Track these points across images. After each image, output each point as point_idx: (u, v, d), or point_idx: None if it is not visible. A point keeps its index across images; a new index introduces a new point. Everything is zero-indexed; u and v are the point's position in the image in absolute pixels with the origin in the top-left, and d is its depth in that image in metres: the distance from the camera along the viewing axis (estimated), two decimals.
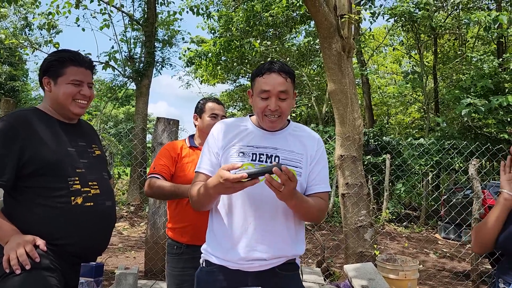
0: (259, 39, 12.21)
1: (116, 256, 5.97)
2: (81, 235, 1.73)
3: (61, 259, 1.69)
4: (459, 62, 12.76)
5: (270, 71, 1.68)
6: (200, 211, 1.92)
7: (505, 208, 1.72)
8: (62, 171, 1.72)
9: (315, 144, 1.78)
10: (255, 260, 1.64)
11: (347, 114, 4.46)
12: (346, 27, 4.41)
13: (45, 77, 1.81)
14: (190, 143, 2.53)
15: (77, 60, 1.82)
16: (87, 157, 1.84)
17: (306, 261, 5.96)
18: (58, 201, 1.70)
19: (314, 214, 1.71)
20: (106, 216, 1.84)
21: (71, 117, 1.86)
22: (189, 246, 2.35)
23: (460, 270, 6.01)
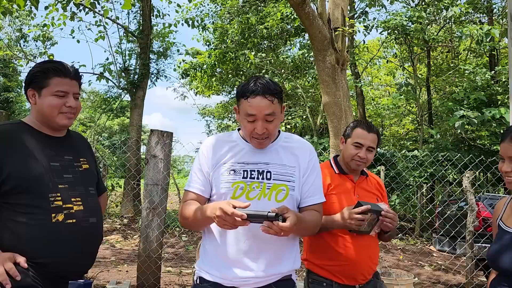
0: (254, 51, 12.28)
1: (108, 270, 5.89)
2: (63, 254, 1.67)
3: (44, 277, 1.64)
4: (452, 75, 12.89)
5: (255, 94, 1.62)
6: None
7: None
8: (43, 187, 1.66)
9: (307, 155, 1.77)
10: (251, 278, 1.63)
11: (341, 126, 4.46)
12: (340, 40, 4.44)
13: (29, 89, 1.76)
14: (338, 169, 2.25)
15: (61, 71, 1.75)
16: (72, 172, 1.78)
17: (301, 274, 5.91)
18: (38, 218, 1.64)
19: (310, 230, 1.74)
20: (90, 234, 1.77)
21: (57, 129, 1.81)
22: (341, 285, 2.12)
23: (455, 283, 5.98)
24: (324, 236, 2.09)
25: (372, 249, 2.16)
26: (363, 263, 2.10)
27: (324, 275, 2.11)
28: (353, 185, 2.20)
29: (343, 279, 2.08)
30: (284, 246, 1.69)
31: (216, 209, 1.48)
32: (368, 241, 2.11)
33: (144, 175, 4.71)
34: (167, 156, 4.66)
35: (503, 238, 1.71)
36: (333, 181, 2.20)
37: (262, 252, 1.64)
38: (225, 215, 1.44)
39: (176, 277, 5.59)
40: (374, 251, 2.18)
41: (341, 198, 2.13)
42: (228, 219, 1.44)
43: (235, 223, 1.45)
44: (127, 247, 7.92)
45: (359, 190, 2.20)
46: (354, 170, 2.21)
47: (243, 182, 1.66)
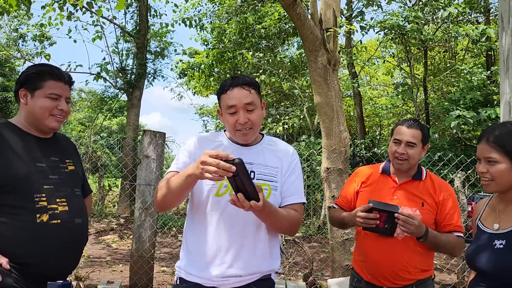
0: (251, 51, 12.29)
1: (100, 270, 5.90)
2: (47, 254, 1.68)
3: (27, 278, 1.65)
4: (449, 74, 12.90)
5: (233, 86, 1.69)
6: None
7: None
8: (29, 188, 1.68)
9: (289, 157, 1.79)
10: (230, 277, 1.65)
11: (333, 126, 4.48)
12: (332, 40, 4.45)
13: (22, 89, 1.78)
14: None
15: (56, 75, 1.79)
16: (58, 173, 1.80)
17: (295, 273, 5.92)
18: (23, 219, 1.66)
19: (285, 225, 1.70)
20: (75, 234, 1.78)
21: (46, 131, 1.83)
22: (368, 283, 2.16)
23: (449, 282, 5.99)
24: (360, 233, 2.18)
25: (399, 253, 2.06)
26: (384, 266, 2.07)
27: (357, 270, 2.22)
28: (394, 186, 2.17)
29: (368, 276, 2.14)
30: (264, 246, 1.71)
31: (198, 161, 1.46)
32: (394, 244, 2.03)
33: (137, 175, 4.73)
34: (159, 156, 4.68)
35: (480, 238, 1.72)
36: (369, 180, 2.23)
37: (242, 251, 1.66)
38: (208, 157, 1.42)
39: (170, 277, 5.60)
40: (402, 256, 2.06)
41: (374, 197, 2.11)
42: (212, 161, 1.41)
43: (218, 166, 1.40)
44: (123, 247, 7.93)
45: (401, 191, 2.15)
46: (399, 170, 2.17)
47: (227, 180, 1.68)
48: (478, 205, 1.90)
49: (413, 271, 2.09)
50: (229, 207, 1.65)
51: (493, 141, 1.64)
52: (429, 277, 2.16)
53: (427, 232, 1.99)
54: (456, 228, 2.11)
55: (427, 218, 2.07)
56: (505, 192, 1.68)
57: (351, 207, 2.25)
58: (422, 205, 2.10)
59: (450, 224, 2.11)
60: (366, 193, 2.20)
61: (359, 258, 2.22)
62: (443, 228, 2.11)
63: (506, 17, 3.14)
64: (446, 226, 2.11)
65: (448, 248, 2.12)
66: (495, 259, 1.60)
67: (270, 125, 12.26)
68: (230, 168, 1.39)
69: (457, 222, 2.12)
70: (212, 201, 1.68)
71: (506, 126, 1.68)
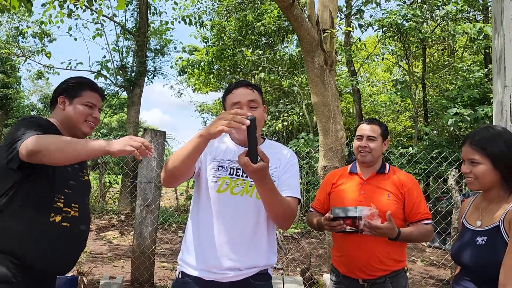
0: (251, 48, 12.35)
1: (102, 266, 6.01)
2: (49, 252, 1.76)
3: (24, 272, 1.72)
4: (447, 72, 12.97)
5: (238, 87, 1.82)
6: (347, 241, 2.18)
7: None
8: (53, 185, 1.79)
9: (287, 157, 1.88)
10: (229, 270, 1.72)
11: (329, 125, 4.57)
12: (328, 41, 4.53)
13: (61, 96, 1.96)
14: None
15: (94, 87, 2.01)
16: (77, 180, 1.92)
17: (293, 269, 6.03)
18: (38, 215, 1.75)
19: (282, 211, 1.73)
20: (78, 240, 1.89)
21: (78, 136, 1.95)
22: (345, 277, 2.31)
23: (443, 277, 6.10)
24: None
25: (372, 245, 2.19)
26: (359, 259, 2.22)
27: (335, 265, 2.38)
28: (361, 182, 2.35)
29: (345, 270, 2.29)
30: (262, 241, 1.79)
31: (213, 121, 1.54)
32: (366, 238, 2.14)
33: (138, 172, 4.83)
34: (160, 154, 4.78)
35: (464, 235, 1.82)
36: (338, 180, 2.42)
37: (241, 246, 1.74)
38: (226, 114, 1.49)
39: (170, 272, 5.71)
40: (375, 248, 2.20)
41: (344, 195, 2.33)
42: (228, 116, 1.48)
43: (235, 117, 1.47)
44: (124, 243, 8.04)
45: (367, 186, 2.33)
46: (363, 166, 2.37)
47: (229, 178, 1.77)
48: (464, 204, 2.00)
49: (387, 261, 2.24)
50: (230, 203, 1.75)
51: (475, 144, 1.75)
52: (402, 269, 2.30)
53: (399, 235, 2.13)
54: (424, 216, 2.28)
55: (394, 208, 2.24)
56: (487, 190, 1.79)
57: (325, 209, 2.44)
58: (388, 196, 2.28)
59: (418, 213, 2.28)
60: (337, 192, 2.40)
61: (336, 254, 2.38)
62: (413, 217, 2.29)
63: (499, 19, 3.23)
64: (415, 215, 2.28)
65: (419, 239, 2.30)
66: (477, 255, 1.70)
67: (269, 122, 12.35)
68: (244, 121, 1.46)
69: (424, 210, 2.29)
70: (214, 197, 1.77)
71: (488, 130, 1.78)
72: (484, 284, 1.67)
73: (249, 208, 1.75)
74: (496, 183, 1.74)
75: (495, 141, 1.73)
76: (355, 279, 2.26)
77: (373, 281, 2.23)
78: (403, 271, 2.31)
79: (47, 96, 28.35)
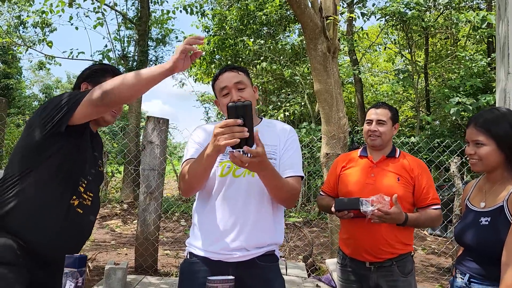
0: (252, 38, 12.30)
1: (107, 252, 6.07)
2: (60, 237, 1.74)
3: (28, 255, 1.70)
4: (450, 61, 12.91)
5: (222, 72, 1.85)
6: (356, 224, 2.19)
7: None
8: (80, 169, 1.78)
9: (287, 134, 1.88)
10: (236, 251, 1.74)
11: (332, 113, 4.58)
12: (331, 28, 4.52)
13: (84, 82, 1.92)
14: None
15: (117, 74, 1.95)
16: (95, 169, 1.91)
17: (295, 256, 6.08)
18: (60, 192, 1.73)
19: (286, 191, 1.74)
20: (86, 229, 1.87)
21: (100, 124, 1.95)
22: (352, 260, 2.34)
23: (444, 265, 6.15)
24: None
25: (380, 228, 2.21)
26: (367, 241, 2.24)
27: (342, 248, 2.40)
28: (371, 165, 2.36)
29: (352, 253, 2.31)
30: (267, 220, 1.80)
31: (211, 139, 1.53)
32: (377, 224, 2.16)
33: (141, 161, 4.86)
34: (163, 142, 4.79)
35: (467, 216, 1.84)
36: (348, 163, 2.44)
37: (246, 226, 1.75)
38: (220, 129, 1.47)
39: (173, 259, 5.76)
40: (383, 231, 2.22)
41: (354, 178, 2.36)
42: (225, 130, 1.46)
43: (233, 130, 1.45)
44: (126, 231, 8.10)
45: (377, 169, 2.34)
46: (373, 149, 2.39)
47: (229, 161, 1.77)
48: (467, 186, 2.02)
49: (395, 244, 2.25)
50: (233, 186, 1.77)
51: (480, 125, 1.76)
52: (409, 253, 2.31)
53: (406, 220, 2.16)
54: (433, 201, 2.30)
55: (403, 191, 2.26)
56: (491, 172, 1.80)
57: (335, 192, 2.46)
58: (398, 179, 2.29)
59: (427, 198, 2.29)
60: (347, 174, 2.42)
61: (343, 236, 2.40)
62: (422, 202, 2.30)
63: (503, 6, 3.22)
64: (424, 200, 2.30)
65: (427, 224, 2.31)
66: (480, 235, 1.72)
67: (271, 112, 12.34)
68: (236, 122, 1.44)
69: (433, 195, 2.31)
70: (217, 181, 1.78)
71: (493, 112, 1.79)
72: (487, 264, 1.69)
73: (253, 189, 1.77)
74: (500, 164, 1.75)
75: (499, 122, 1.73)
76: (361, 261, 2.28)
77: (380, 264, 2.25)
78: (410, 255, 2.32)
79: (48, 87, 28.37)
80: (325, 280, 3.82)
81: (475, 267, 1.73)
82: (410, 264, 2.30)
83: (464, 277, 1.77)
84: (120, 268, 3.74)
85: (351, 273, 2.34)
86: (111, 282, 3.69)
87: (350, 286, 2.34)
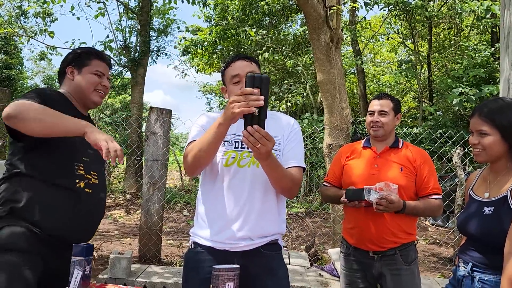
0: (255, 28, 12.23)
1: (111, 242, 6.12)
2: (75, 219, 1.80)
3: (42, 241, 1.74)
4: (453, 51, 12.83)
5: (235, 60, 1.84)
6: (359, 213, 2.22)
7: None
8: (71, 155, 1.83)
9: (290, 125, 1.90)
10: (241, 240, 1.76)
11: (335, 104, 4.57)
12: (335, 18, 4.50)
13: (69, 66, 1.96)
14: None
15: (101, 56, 2.02)
16: (93, 149, 1.90)
17: (297, 246, 6.12)
18: (65, 181, 1.79)
19: (288, 181, 1.76)
20: (99, 207, 1.93)
21: (89, 106, 1.99)
22: (356, 249, 2.36)
23: (445, 255, 6.18)
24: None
25: (384, 218, 2.24)
26: (370, 231, 2.27)
27: (346, 237, 2.43)
28: (374, 156, 2.39)
29: (356, 242, 2.34)
30: (271, 210, 1.82)
31: (227, 107, 1.53)
32: (380, 213, 2.19)
33: (144, 151, 4.87)
34: (166, 132, 4.80)
35: (471, 206, 1.85)
36: (352, 154, 2.46)
37: (251, 216, 1.77)
38: (236, 97, 1.47)
39: (177, 249, 5.81)
40: (387, 220, 2.24)
41: (358, 169, 2.38)
42: (241, 97, 1.46)
43: (249, 99, 1.45)
44: (130, 221, 8.15)
45: (380, 160, 2.36)
46: (376, 140, 2.41)
47: (234, 151, 1.79)
48: (471, 176, 2.02)
49: (398, 234, 2.28)
50: (238, 176, 1.78)
51: (484, 115, 1.76)
52: (412, 242, 2.34)
53: (404, 207, 2.18)
54: (434, 191, 2.32)
55: (405, 181, 2.29)
56: (494, 162, 1.80)
57: (339, 182, 2.49)
58: (401, 169, 2.32)
59: (428, 187, 2.31)
60: (351, 165, 2.44)
61: (347, 226, 2.43)
62: (423, 191, 2.32)
63: None
64: (425, 189, 2.32)
65: (427, 213, 2.34)
66: (483, 224, 1.73)
67: (273, 103, 12.32)
68: (253, 91, 1.45)
69: (434, 185, 2.32)
70: (222, 171, 1.79)
71: (497, 101, 1.79)
72: (490, 253, 1.70)
73: (258, 179, 1.78)
74: (504, 154, 1.75)
75: (504, 112, 1.73)
76: (365, 250, 2.31)
77: (383, 253, 2.27)
78: (413, 244, 2.35)
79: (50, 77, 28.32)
80: (328, 269, 3.85)
81: (478, 256, 1.75)
82: (413, 253, 2.32)
83: (467, 266, 1.79)
84: (125, 257, 3.77)
85: (354, 262, 2.36)
86: (115, 271, 3.73)
87: (354, 275, 2.37)
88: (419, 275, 2.34)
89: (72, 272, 1.61)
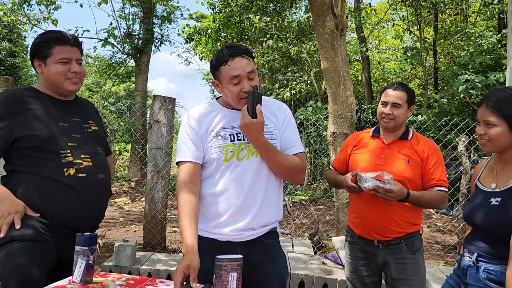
0: (258, 15, 12.11)
1: (116, 229, 6.17)
2: (74, 207, 1.81)
3: (52, 230, 1.78)
4: (459, 38, 12.67)
5: (233, 56, 1.73)
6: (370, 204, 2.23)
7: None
8: (54, 146, 1.80)
9: (283, 112, 1.90)
10: (244, 231, 1.78)
11: (339, 92, 4.54)
12: (339, 5, 4.43)
13: (35, 59, 1.88)
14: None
15: (62, 39, 1.86)
16: (81, 132, 1.90)
17: (301, 234, 6.14)
18: (52, 172, 1.78)
19: (287, 169, 1.80)
20: (99, 188, 1.89)
21: (66, 95, 1.93)
22: (361, 238, 2.35)
23: (449, 242, 6.19)
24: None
25: (388, 208, 2.21)
26: (375, 220, 2.25)
27: (350, 226, 2.42)
28: (382, 146, 2.35)
29: (361, 231, 2.33)
30: (272, 199, 1.84)
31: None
32: (383, 200, 2.16)
33: (148, 139, 4.87)
34: (170, 121, 4.80)
35: (477, 197, 1.83)
36: (360, 143, 2.42)
37: (254, 207, 1.78)
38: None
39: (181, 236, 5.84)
40: (392, 210, 2.22)
41: (364, 158, 2.35)
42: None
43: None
44: (134, 209, 8.21)
45: (388, 150, 2.32)
46: (386, 130, 2.36)
47: (232, 145, 1.78)
48: (477, 166, 2.00)
49: (403, 224, 2.26)
50: (238, 169, 1.78)
51: (491, 105, 1.73)
52: (417, 231, 2.32)
53: (408, 196, 2.14)
54: (439, 183, 2.25)
55: (412, 173, 2.24)
56: (501, 152, 1.78)
57: (344, 169, 2.47)
58: (408, 161, 2.27)
59: (433, 178, 2.25)
60: (357, 154, 2.41)
61: (352, 215, 2.42)
62: (427, 182, 2.27)
63: None
64: (430, 180, 2.26)
65: (431, 204, 2.28)
66: (490, 214, 1.71)
67: (277, 90, 12.26)
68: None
69: (440, 176, 2.26)
70: (222, 166, 1.79)
71: (505, 91, 1.76)
72: (496, 244, 1.70)
73: (257, 170, 1.78)
74: (511, 145, 1.73)
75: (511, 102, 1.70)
76: (370, 240, 2.30)
77: (388, 242, 2.27)
78: (418, 233, 2.33)
79: None
80: (331, 257, 3.87)
81: (484, 246, 1.74)
82: (418, 242, 2.31)
83: (472, 256, 1.78)
84: (130, 245, 3.80)
85: (359, 250, 2.37)
86: (120, 258, 3.76)
87: (358, 263, 2.37)
88: (424, 264, 2.34)
89: (75, 261, 1.62)
